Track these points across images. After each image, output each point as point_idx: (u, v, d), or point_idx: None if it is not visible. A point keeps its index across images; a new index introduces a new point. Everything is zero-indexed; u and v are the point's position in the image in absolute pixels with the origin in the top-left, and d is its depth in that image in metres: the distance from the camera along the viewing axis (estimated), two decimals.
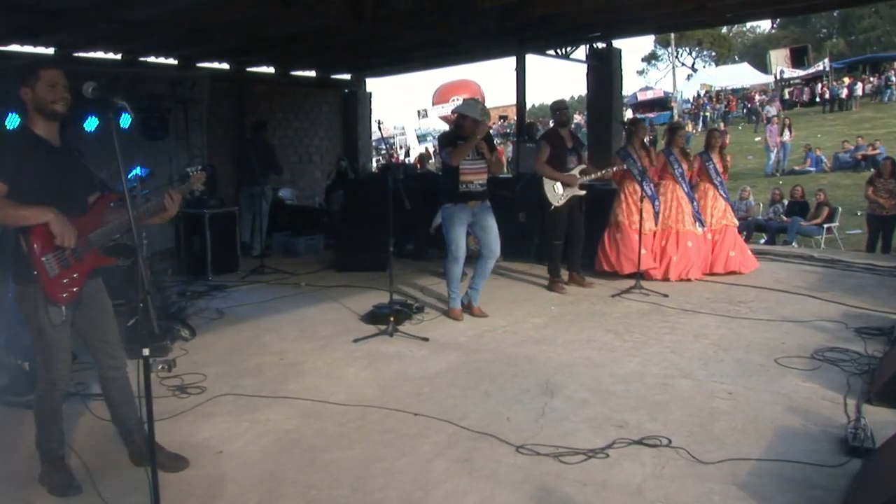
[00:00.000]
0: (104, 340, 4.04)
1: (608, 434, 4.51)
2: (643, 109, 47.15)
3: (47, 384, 3.91)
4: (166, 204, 3.94)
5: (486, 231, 7.51)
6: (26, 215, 3.64)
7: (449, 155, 7.30)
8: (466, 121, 7.29)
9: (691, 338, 6.68)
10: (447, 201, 7.40)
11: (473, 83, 41.44)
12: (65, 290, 3.78)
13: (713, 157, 9.63)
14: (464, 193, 7.33)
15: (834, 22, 61.85)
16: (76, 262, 3.80)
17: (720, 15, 13.27)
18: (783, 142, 25.63)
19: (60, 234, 3.64)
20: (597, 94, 14.55)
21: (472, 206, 7.40)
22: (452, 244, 7.47)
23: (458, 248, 7.47)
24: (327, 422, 4.86)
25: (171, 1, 9.20)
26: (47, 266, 3.70)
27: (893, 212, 12.49)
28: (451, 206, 7.37)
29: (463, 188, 7.33)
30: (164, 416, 4.79)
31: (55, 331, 3.79)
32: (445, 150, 7.40)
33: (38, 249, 3.67)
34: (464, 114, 7.37)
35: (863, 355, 5.93)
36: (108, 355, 4.06)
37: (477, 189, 7.41)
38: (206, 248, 10.18)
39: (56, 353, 3.85)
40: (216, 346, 6.82)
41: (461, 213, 7.37)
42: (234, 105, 16.07)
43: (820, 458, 4.09)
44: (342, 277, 9.95)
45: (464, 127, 7.33)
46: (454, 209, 7.37)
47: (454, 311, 7.68)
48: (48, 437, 4.01)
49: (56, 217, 3.65)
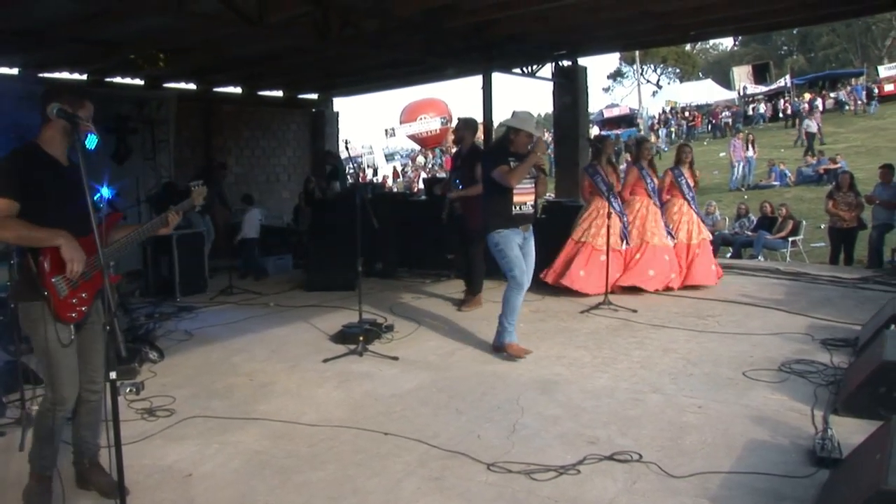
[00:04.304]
0: (88, 362, 4.00)
1: (579, 450, 4.50)
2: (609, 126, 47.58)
3: (51, 403, 3.86)
4: (169, 219, 4.07)
5: (526, 259, 6.76)
6: (39, 237, 3.64)
7: (505, 176, 6.44)
8: (520, 135, 6.58)
9: (660, 352, 6.71)
10: (499, 227, 6.61)
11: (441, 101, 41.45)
12: (73, 309, 3.78)
13: (684, 172, 9.74)
14: (517, 217, 6.64)
15: (794, 39, 63.00)
16: (84, 282, 3.79)
17: (684, 32, 13.47)
18: (747, 157, 25.96)
19: (70, 260, 3.63)
20: (563, 111, 14.67)
21: (524, 230, 6.74)
22: (516, 269, 6.60)
23: (523, 273, 6.64)
24: (298, 443, 4.82)
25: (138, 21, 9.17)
26: (57, 287, 3.68)
27: (853, 224, 12.70)
28: (504, 231, 6.60)
29: (516, 210, 6.63)
30: (132, 440, 4.73)
31: (63, 351, 3.75)
32: (498, 171, 6.51)
33: (48, 270, 3.66)
34: (517, 128, 6.62)
35: (829, 367, 5.99)
36: (88, 378, 4.01)
37: (529, 211, 6.77)
38: (174, 269, 10.11)
39: (63, 373, 3.81)
40: (185, 367, 6.74)
41: (514, 237, 6.62)
42: (202, 125, 16.02)
43: (789, 470, 4.11)
44: (311, 297, 9.91)
45: (516, 143, 6.61)
46: (507, 234, 6.60)
47: (512, 346, 6.67)
48: (42, 454, 3.96)
49: (67, 242, 3.64)
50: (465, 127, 9.11)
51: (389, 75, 16.31)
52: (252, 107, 17.40)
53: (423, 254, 11.21)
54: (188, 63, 13.10)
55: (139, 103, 12.48)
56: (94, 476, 4.13)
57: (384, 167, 46.46)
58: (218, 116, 16.52)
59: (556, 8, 9.97)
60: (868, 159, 24.04)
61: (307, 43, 10.57)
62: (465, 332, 7.70)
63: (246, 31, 9.20)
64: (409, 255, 11.53)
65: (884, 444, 3.30)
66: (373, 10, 9.85)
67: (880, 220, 12.28)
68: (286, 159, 18.17)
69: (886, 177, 12.40)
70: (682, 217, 9.66)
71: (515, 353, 6.61)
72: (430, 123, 38.30)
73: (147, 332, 7.81)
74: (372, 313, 8.34)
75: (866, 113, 36.71)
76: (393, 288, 10.42)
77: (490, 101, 14.09)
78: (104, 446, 4.04)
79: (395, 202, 12.16)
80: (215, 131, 16.51)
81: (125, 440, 3.24)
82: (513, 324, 6.69)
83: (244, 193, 14.36)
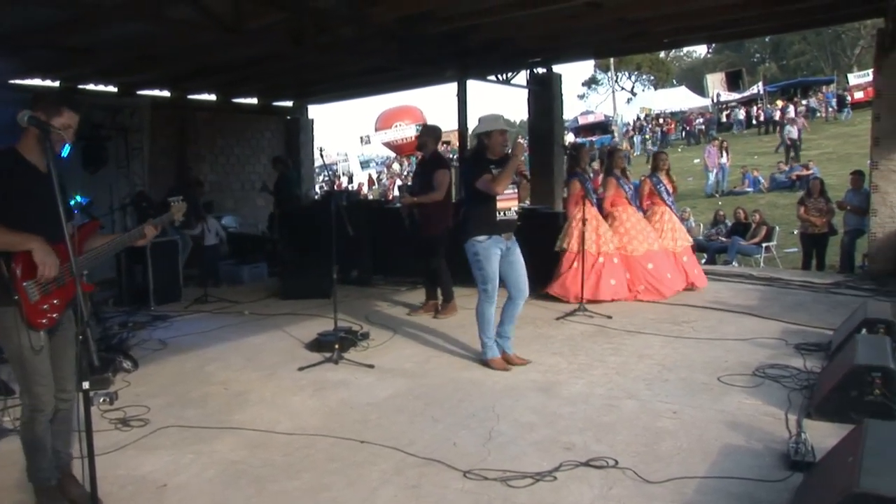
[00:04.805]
0: (59, 370, 3.96)
1: (555, 457, 4.51)
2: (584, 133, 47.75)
3: (30, 411, 3.84)
4: (146, 231, 4.05)
5: (514, 267, 6.55)
6: (12, 241, 3.63)
7: (490, 184, 6.25)
8: (493, 137, 6.43)
9: (636, 358, 6.74)
10: (480, 234, 6.41)
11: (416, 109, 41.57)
12: (44, 315, 3.75)
13: (662, 179, 9.80)
14: (501, 223, 6.43)
15: (766, 47, 63.70)
16: (57, 289, 3.77)
17: (657, 40, 13.60)
18: (721, 163, 26.15)
19: (42, 264, 3.63)
20: (538, 118, 14.74)
21: (507, 237, 6.51)
22: (489, 283, 6.46)
23: (496, 288, 6.49)
24: (274, 451, 4.80)
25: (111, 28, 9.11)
26: (28, 291, 3.67)
27: (825, 230, 12.83)
28: (486, 238, 6.40)
29: (500, 216, 6.43)
30: (106, 450, 4.68)
31: (35, 356, 3.74)
32: (482, 181, 6.31)
33: (19, 275, 3.65)
34: (488, 131, 6.46)
35: (802, 371, 6.05)
36: (59, 387, 3.97)
37: (513, 217, 6.56)
38: (148, 278, 10.03)
39: (37, 379, 3.79)
40: (159, 377, 6.69)
41: (495, 246, 6.42)
42: (176, 133, 15.93)
43: (763, 474, 4.15)
44: (287, 305, 9.87)
45: (491, 146, 6.45)
46: (488, 243, 6.39)
47: (495, 360, 6.57)
48: (37, 466, 3.94)
49: (40, 246, 3.64)
50: (427, 133, 9.00)
51: (365, 82, 16.30)
52: (226, 114, 17.32)
53: (398, 261, 11.18)
54: (162, 70, 13.03)
55: (112, 111, 12.39)
56: (67, 487, 4.08)
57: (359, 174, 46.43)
58: (192, 124, 16.42)
59: (531, 15, 10.01)
60: (839, 166, 24.26)
61: (283, 50, 10.54)
62: (441, 340, 7.70)
63: (222, 37, 9.17)
64: (384, 263, 11.51)
65: (856, 448, 3.33)
66: (349, 16, 9.85)
67: (851, 226, 12.43)
68: (261, 167, 18.07)
69: (857, 183, 12.54)
70: (664, 224, 9.73)
71: (499, 367, 6.53)
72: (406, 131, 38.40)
73: (121, 341, 7.76)
74: (347, 321, 8.32)
75: (837, 120, 37.11)
76: (368, 296, 10.41)
77: (465, 108, 14.13)
78: (77, 457, 4.01)
79: (370, 209, 12.13)
80: (190, 139, 16.41)
81: (98, 450, 3.21)
82: (491, 338, 6.60)
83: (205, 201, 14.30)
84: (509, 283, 6.58)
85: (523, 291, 6.61)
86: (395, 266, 11.39)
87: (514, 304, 6.62)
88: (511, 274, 6.55)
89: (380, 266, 11.55)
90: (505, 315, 6.65)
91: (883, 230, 10.47)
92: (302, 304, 9.73)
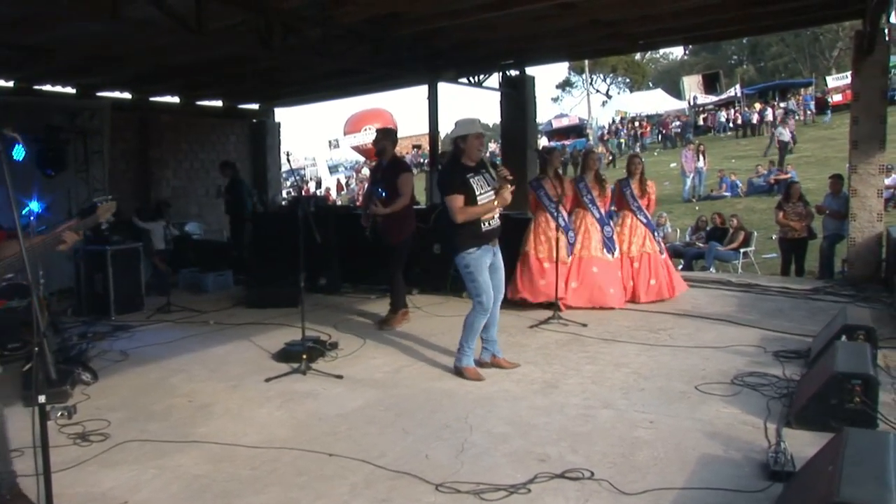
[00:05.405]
0: None
1: (530, 468, 4.52)
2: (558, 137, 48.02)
3: None
4: (65, 237, 3.86)
5: (497, 272, 6.67)
6: None
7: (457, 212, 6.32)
8: (468, 141, 6.45)
9: (612, 367, 6.77)
10: (470, 246, 6.41)
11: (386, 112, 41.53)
12: None
13: (632, 184, 9.83)
14: (486, 233, 6.49)
15: (744, 49, 64.29)
16: None
17: (633, 42, 13.69)
18: (698, 167, 26.35)
19: None
20: (511, 121, 14.80)
21: (493, 245, 6.59)
22: (484, 294, 6.46)
23: (490, 298, 6.50)
24: (239, 465, 4.77)
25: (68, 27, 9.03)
26: None
27: (804, 234, 12.93)
28: (476, 250, 6.42)
29: (485, 227, 6.47)
30: (63, 466, 4.63)
31: None
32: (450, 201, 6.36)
33: None
34: (463, 135, 6.46)
35: (781, 379, 6.11)
36: None
37: (497, 224, 6.61)
38: (108, 287, 9.93)
39: None
40: (120, 389, 6.62)
41: (485, 255, 6.48)
42: (138, 136, 15.82)
43: (742, 484, 4.18)
44: (253, 314, 9.81)
45: (468, 151, 6.48)
46: (478, 253, 6.43)
47: (469, 369, 6.59)
48: None
49: None
50: (385, 138, 8.91)
51: (333, 85, 16.29)
52: (190, 117, 17.24)
53: (368, 269, 11.17)
54: (123, 71, 12.95)
55: (71, 113, 12.27)
56: None
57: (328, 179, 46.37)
58: (155, 127, 16.33)
59: (503, 16, 10.04)
60: (818, 169, 24.57)
61: (249, 51, 10.51)
62: (411, 349, 7.70)
63: (184, 38, 9.12)
64: (353, 270, 11.48)
65: (836, 456, 3.36)
66: (316, 17, 9.83)
67: (830, 231, 12.54)
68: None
69: (836, 187, 12.65)
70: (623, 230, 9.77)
71: (472, 376, 6.53)
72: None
73: (80, 352, 7.67)
74: (315, 330, 8.28)
75: (815, 123, 37.54)
76: (337, 304, 10.39)
77: (436, 111, 14.16)
78: (31, 475, 3.95)
79: (338, 216, 12.09)
80: (152, 143, 16.32)
81: (56, 467, 3.18)
82: (472, 347, 6.62)
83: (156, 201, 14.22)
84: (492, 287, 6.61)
85: (501, 293, 6.78)
86: (364, 273, 11.37)
87: (495, 307, 6.67)
88: (494, 278, 6.62)
89: (349, 274, 11.52)
90: (488, 319, 6.67)
91: (862, 235, 10.60)
92: (268, 313, 9.69)
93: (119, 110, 14.33)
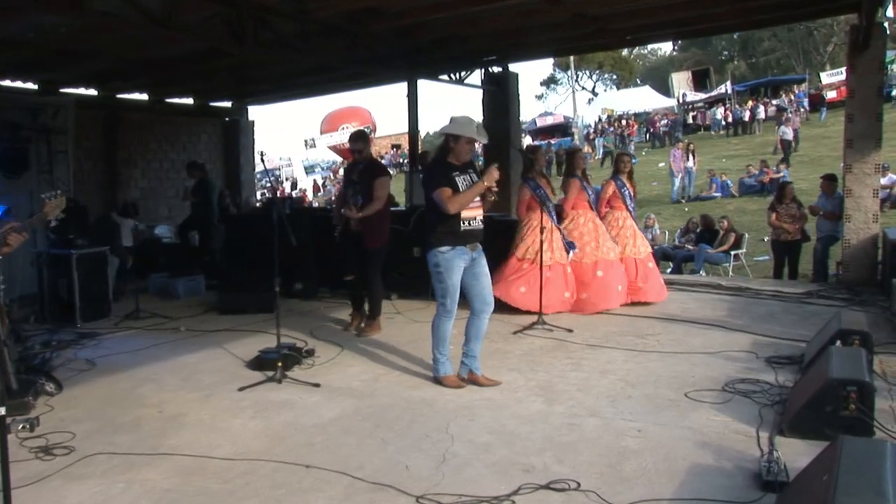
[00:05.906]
0: None
1: (513, 479, 4.51)
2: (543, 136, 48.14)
3: None
4: (9, 239, 3.83)
5: (479, 279, 6.55)
6: None
7: (445, 202, 6.25)
8: (460, 143, 6.41)
9: (598, 374, 6.78)
10: (443, 245, 6.37)
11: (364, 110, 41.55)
12: None
13: (626, 182, 9.87)
14: (465, 233, 6.40)
15: (735, 44, 64.67)
16: None
17: (620, 37, 13.73)
18: (688, 167, 26.43)
19: None
20: (493, 120, 14.78)
21: (472, 248, 6.49)
22: (448, 297, 6.45)
23: (454, 302, 6.48)
24: (211, 479, 4.74)
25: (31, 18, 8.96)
26: None
27: (797, 236, 12.98)
28: (449, 249, 6.37)
29: (465, 226, 6.39)
30: (25, 482, 4.58)
31: None
32: (437, 194, 6.30)
33: None
34: (456, 135, 6.42)
35: (774, 385, 6.13)
36: None
37: (479, 227, 6.53)
38: (73, 292, 9.86)
39: None
40: (87, 400, 6.57)
41: (459, 258, 6.40)
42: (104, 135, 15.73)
43: (734, 495, 4.18)
44: (226, 321, 9.78)
45: (457, 151, 6.45)
46: (451, 254, 6.37)
47: (448, 378, 6.55)
48: None
49: None
50: (360, 139, 8.88)
51: (309, 82, 16.28)
52: (159, 115, 17.17)
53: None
54: (88, 66, 12.87)
55: (33, 110, 12.16)
56: None
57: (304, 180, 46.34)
58: (122, 126, 16.24)
59: (486, 11, 10.06)
60: (811, 169, 24.72)
61: (220, 46, 10.46)
62: (390, 357, 7.69)
63: (152, 32, 9.06)
64: (330, 275, 11.44)
65: (830, 466, 3.37)
66: (291, 11, 9.81)
67: (824, 233, 12.58)
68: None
69: (829, 188, 12.69)
70: (626, 231, 9.80)
71: (452, 384, 6.51)
72: None
73: (43, 361, 7.61)
74: (291, 337, 8.27)
75: (809, 120, 37.75)
76: (313, 309, 10.38)
77: (416, 109, 14.19)
78: None
79: (315, 218, 12.06)
80: (119, 142, 16.23)
81: (17, 482, 3.15)
82: (445, 354, 6.58)
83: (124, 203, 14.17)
84: (473, 296, 6.56)
85: (489, 304, 6.62)
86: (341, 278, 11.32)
87: (480, 320, 6.59)
88: (476, 286, 6.54)
89: (325, 278, 11.48)
90: (470, 332, 6.61)
91: (857, 236, 10.66)
92: (242, 320, 9.66)
93: (84, 108, 14.24)
